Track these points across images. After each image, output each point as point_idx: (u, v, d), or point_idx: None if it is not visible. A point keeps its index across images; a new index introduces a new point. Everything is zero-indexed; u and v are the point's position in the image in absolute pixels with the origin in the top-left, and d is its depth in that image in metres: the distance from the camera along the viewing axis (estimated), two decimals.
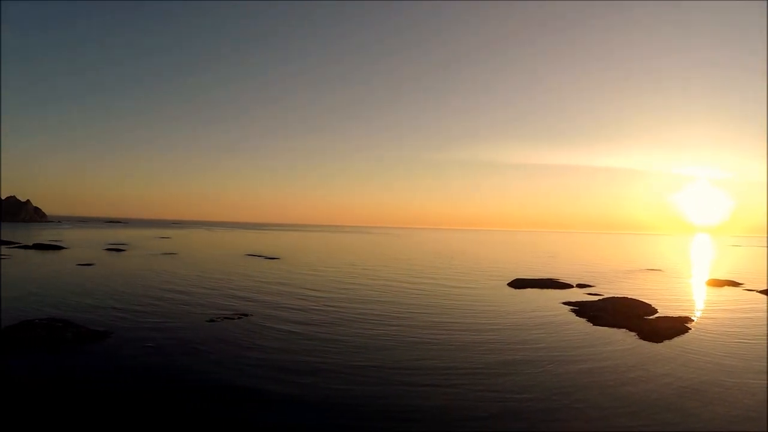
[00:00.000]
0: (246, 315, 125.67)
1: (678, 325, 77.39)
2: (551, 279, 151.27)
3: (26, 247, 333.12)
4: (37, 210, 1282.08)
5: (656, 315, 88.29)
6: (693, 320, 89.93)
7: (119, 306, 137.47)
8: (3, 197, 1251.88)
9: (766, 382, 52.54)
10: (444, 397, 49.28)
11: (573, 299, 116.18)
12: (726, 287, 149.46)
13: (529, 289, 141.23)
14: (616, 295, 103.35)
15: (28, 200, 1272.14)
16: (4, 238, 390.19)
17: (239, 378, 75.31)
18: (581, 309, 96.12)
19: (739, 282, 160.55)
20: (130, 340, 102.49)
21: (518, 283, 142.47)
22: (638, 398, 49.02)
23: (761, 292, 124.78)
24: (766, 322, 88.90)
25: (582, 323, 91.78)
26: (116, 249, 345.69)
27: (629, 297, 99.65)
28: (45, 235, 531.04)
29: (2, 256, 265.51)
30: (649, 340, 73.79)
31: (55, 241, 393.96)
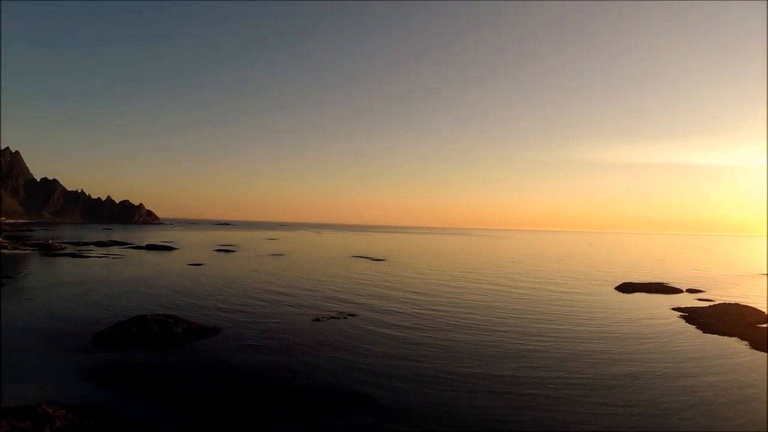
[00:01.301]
0: (351, 315, 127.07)
1: None
2: (660, 283, 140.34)
3: (139, 247, 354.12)
4: (149, 213, 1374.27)
5: None
6: None
7: (227, 304, 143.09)
8: (117, 201, 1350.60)
9: None
10: (552, 410, 46.22)
11: (683, 305, 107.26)
12: None
13: (637, 294, 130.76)
14: (727, 301, 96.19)
15: (141, 204, 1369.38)
16: (118, 239, 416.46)
17: (341, 381, 75.02)
18: (691, 315, 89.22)
19: None
20: (236, 338, 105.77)
21: (627, 287, 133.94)
22: (751, 419, 43.90)
23: None
24: None
25: (692, 331, 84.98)
26: (226, 250, 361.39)
27: (741, 303, 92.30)
28: (157, 236, 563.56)
29: (117, 256, 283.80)
30: (763, 350, 67.27)
31: (167, 242, 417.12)
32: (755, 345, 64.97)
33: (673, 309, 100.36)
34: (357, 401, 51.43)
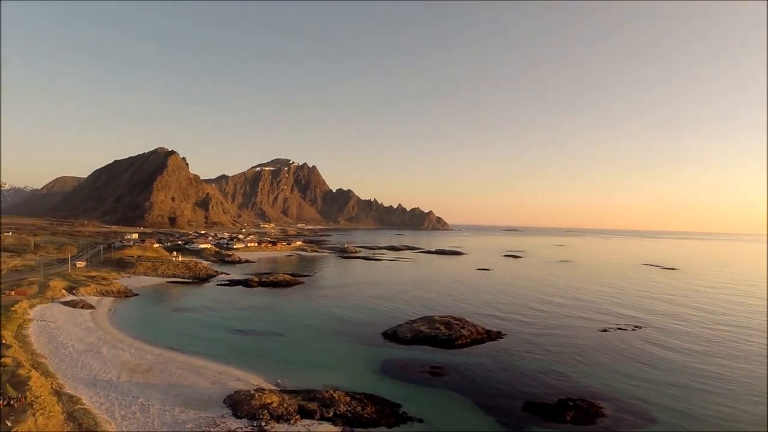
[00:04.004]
0: (638, 328, 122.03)
1: None
2: None
3: (429, 252, 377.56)
4: (439, 219, 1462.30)
5: None
6: None
7: (512, 309, 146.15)
8: (408, 209, 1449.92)
9: None
10: None
11: None
12: None
13: None
14: None
15: (430, 211, 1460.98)
16: (409, 244, 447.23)
17: (619, 403, 72.54)
18: None
19: None
20: (519, 343, 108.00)
21: None
22: None
23: None
24: None
25: None
26: (513, 256, 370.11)
27: None
28: (446, 241, 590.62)
29: (407, 260, 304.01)
30: None
31: (456, 247, 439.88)
32: None
33: None
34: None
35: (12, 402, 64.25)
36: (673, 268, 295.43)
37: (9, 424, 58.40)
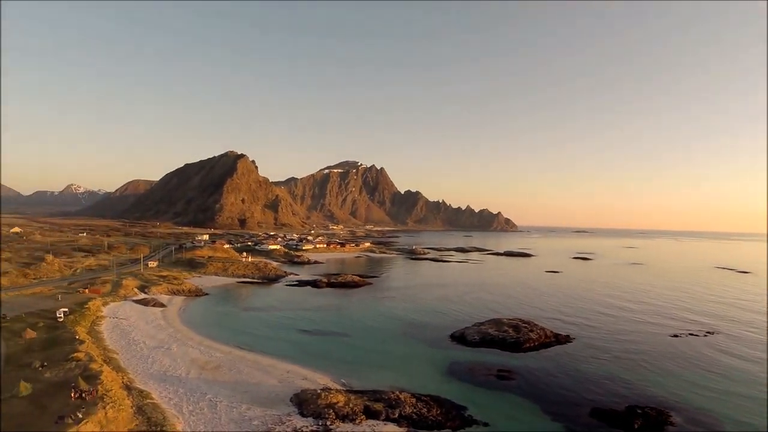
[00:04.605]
0: (710, 334, 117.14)
1: None
2: None
3: (497, 254, 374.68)
4: (507, 221, 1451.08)
5: None
6: None
7: (581, 313, 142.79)
8: (476, 210, 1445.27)
9: None
10: None
11: None
12: None
13: None
14: None
15: (499, 212, 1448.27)
16: (478, 246, 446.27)
17: (689, 413, 69.20)
18: None
19: None
20: (588, 348, 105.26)
21: None
22: None
23: None
24: None
25: None
26: (583, 258, 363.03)
27: None
28: (515, 243, 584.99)
29: (476, 261, 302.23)
30: None
31: (525, 249, 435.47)
32: None
33: None
34: None
35: (84, 395, 66.37)
36: (746, 272, 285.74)
37: (80, 415, 60.26)
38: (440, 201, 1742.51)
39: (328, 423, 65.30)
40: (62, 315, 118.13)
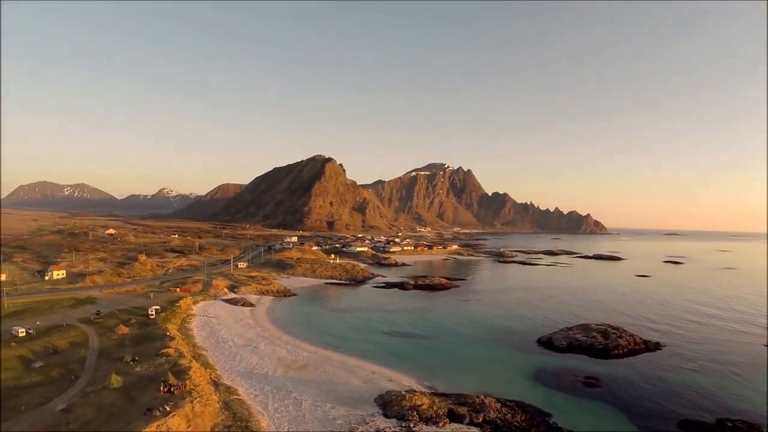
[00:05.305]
0: None
1: None
2: None
3: (586, 257, 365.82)
4: (596, 223, 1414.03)
5: None
6: None
7: (671, 319, 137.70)
8: (565, 212, 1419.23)
9: None
10: None
11: None
12: None
13: None
14: None
15: (588, 214, 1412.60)
16: (566, 249, 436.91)
17: None
18: None
19: None
20: (678, 356, 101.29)
21: None
22: None
23: None
24: None
25: None
26: (674, 261, 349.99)
27: None
28: (605, 246, 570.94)
29: (565, 265, 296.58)
30: None
31: (614, 252, 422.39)
32: None
33: None
34: None
35: (172, 389, 69.78)
36: None
37: (168, 408, 63.00)
38: (528, 203, 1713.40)
39: (411, 425, 65.55)
40: (154, 312, 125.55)
